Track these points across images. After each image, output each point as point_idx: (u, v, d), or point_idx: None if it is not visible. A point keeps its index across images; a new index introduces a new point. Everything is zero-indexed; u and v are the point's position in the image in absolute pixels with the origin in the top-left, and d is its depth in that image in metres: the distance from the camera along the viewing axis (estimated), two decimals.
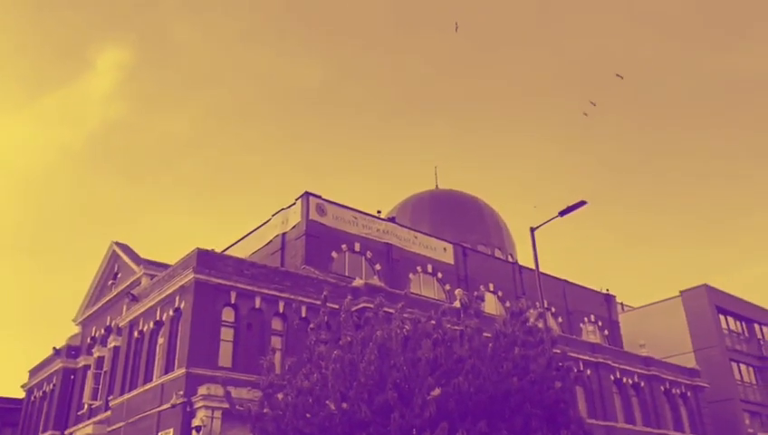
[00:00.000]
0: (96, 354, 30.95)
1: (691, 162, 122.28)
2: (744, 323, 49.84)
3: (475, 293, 37.02)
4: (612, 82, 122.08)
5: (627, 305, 53.54)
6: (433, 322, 13.78)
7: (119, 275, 32.59)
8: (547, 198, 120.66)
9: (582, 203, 21.10)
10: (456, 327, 14.56)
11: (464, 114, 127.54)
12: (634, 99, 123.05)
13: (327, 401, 12.90)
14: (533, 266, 21.61)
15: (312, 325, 15.00)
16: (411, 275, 35.47)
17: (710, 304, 46.94)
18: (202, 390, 21.01)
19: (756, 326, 50.48)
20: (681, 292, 48.40)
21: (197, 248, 23.57)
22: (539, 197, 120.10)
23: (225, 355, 22.88)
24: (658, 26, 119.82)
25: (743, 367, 46.87)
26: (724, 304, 48.23)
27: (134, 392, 24.79)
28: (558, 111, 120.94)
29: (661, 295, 50.31)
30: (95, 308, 33.74)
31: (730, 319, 48.69)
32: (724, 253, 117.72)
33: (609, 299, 46.43)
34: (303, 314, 24.43)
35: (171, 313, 23.88)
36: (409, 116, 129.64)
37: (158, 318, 24.83)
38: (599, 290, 46.20)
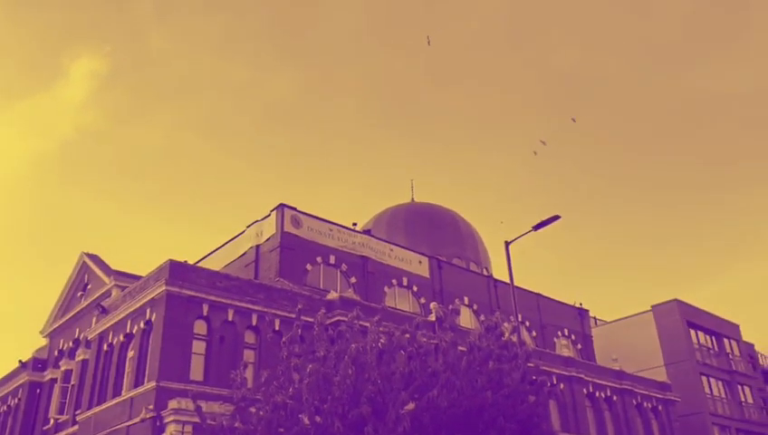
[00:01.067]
0: (63, 367, 30.26)
1: (661, 179, 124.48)
2: (713, 338, 50.59)
3: (450, 306, 37.04)
4: (585, 100, 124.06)
5: (599, 319, 54.03)
6: (408, 335, 13.74)
7: (88, 287, 32.00)
8: (522, 212, 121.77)
9: (556, 217, 21.30)
10: (432, 341, 14.53)
11: (441, 128, 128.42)
12: (606, 118, 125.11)
13: (300, 415, 12.75)
14: (508, 280, 21.71)
15: (284, 339, 14.84)
16: (386, 289, 35.39)
17: (681, 319, 47.59)
18: (172, 404, 20.64)
19: (725, 341, 51.27)
20: (652, 306, 48.99)
21: (170, 260, 23.26)
22: (514, 211, 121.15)
23: (197, 369, 22.55)
24: (632, 47, 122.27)
25: (712, 381, 47.53)
26: (694, 318, 48.93)
27: (102, 406, 24.26)
28: (533, 126, 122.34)
29: (633, 310, 50.85)
30: (63, 320, 33.05)
31: (700, 333, 49.38)
32: (693, 268, 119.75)
33: (582, 313, 46.81)
34: (277, 328, 24.18)
35: (142, 325, 23.49)
36: (386, 129, 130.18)
37: (128, 331, 24.39)
38: (572, 304, 46.58)
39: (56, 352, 32.79)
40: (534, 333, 41.63)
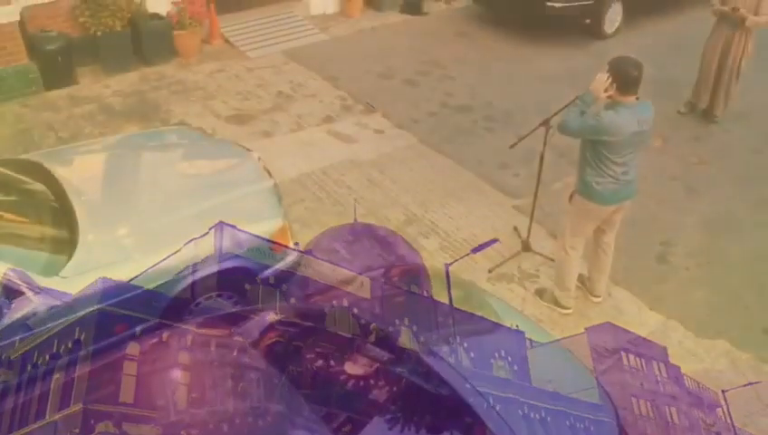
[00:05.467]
0: None
1: None
2: (642, 360, 52.49)
3: (391, 328, 37.10)
4: None
5: (535, 341, 55.20)
6: None
7: (12, 305, 30.62)
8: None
9: (494, 241, 21.73)
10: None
11: None
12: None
13: None
14: (448, 302, 21.92)
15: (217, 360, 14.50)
16: (327, 309, 35.19)
17: (613, 341, 49.25)
18: (100, 427, 19.71)
19: (654, 363, 53.29)
20: (586, 328, 50.36)
21: (102, 277, 22.50)
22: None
23: (128, 390, 21.76)
24: None
25: (641, 402, 49.22)
26: (625, 340, 50.73)
27: (22, 431, 22.92)
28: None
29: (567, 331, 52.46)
30: None
31: (630, 355, 51.15)
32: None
33: (518, 334, 47.66)
34: (212, 348, 23.71)
35: (70, 345, 22.56)
36: None
37: (54, 350, 23.38)
38: (509, 325, 47.41)
39: None
40: (472, 354, 42.15)
